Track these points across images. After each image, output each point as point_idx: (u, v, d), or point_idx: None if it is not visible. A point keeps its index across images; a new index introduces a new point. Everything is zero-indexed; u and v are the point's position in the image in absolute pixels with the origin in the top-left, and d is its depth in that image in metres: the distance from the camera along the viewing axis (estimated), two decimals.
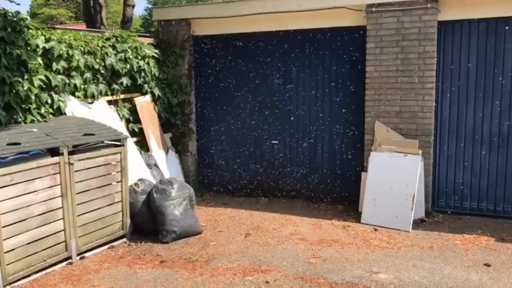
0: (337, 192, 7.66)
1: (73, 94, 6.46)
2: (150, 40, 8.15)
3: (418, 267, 5.21)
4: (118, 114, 7.19)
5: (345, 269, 5.16)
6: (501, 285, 4.75)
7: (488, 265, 5.23)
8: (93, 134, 5.76)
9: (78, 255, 5.54)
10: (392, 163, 6.69)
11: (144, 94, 7.65)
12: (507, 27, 6.42)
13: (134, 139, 7.39)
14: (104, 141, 5.92)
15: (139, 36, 8.11)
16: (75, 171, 5.41)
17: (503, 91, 6.55)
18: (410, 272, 5.07)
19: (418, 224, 6.58)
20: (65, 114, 6.26)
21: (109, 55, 6.93)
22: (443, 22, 6.67)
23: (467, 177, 6.89)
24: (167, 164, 7.89)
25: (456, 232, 6.25)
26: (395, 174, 6.62)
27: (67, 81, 6.28)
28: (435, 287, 4.73)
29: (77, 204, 5.46)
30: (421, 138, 6.83)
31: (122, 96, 7.31)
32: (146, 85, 7.61)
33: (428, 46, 6.66)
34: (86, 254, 5.62)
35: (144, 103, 7.61)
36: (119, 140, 6.03)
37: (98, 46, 6.81)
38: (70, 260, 5.43)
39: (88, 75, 6.61)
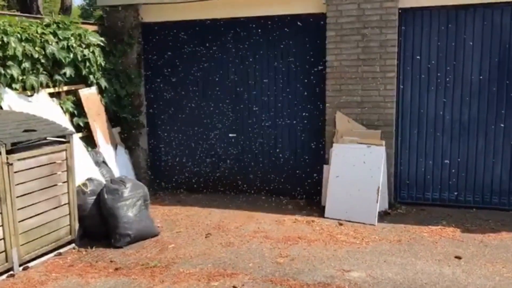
0: (298, 186, 7.38)
1: (9, 86, 5.83)
2: (95, 28, 7.52)
3: (389, 263, 5.01)
4: (62, 107, 6.59)
5: (315, 269, 4.89)
6: (475, 278, 4.63)
7: (459, 257, 5.11)
8: (34, 130, 5.17)
9: (21, 265, 4.95)
10: (355, 155, 6.48)
11: (89, 85, 7.06)
12: (466, 16, 6.35)
13: (80, 134, 6.79)
14: (48, 138, 5.35)
15: (83, 23, 7.47)
16: (15, 172, 4.82)
17: (464, 80, 6.48)
18: (383, 269, 4.86)
19: (382, 216, 6.42)
20: (0, 108, 5.62)
21: (50, 43, 6.30)
22: (404, 9, 6.49)
23: (429, 167, 6.80)
24: (116, 160, 7.33)
25: (421, 224, 6.13)
26: (358, 166, 6.42)
27: (2, 71, 5.64)
28: (410, 283, 4.54)
29: (18, 209, 4.87)
30: (383, 128, 6.66)
31: (65, 88, 6.69)
32: (91, 76, 7.02)
33: (390, 34, 6.49)
34: (30, 264, 5.04)
35: (89, 95, 7.01)
36: (64, 136, 5.47)
37: (37, 33, 6.18)
38: (11, 272, 4.84)
39: (26, 64, 5.98)
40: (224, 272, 4.83)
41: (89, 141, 6.95)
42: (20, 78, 5.92)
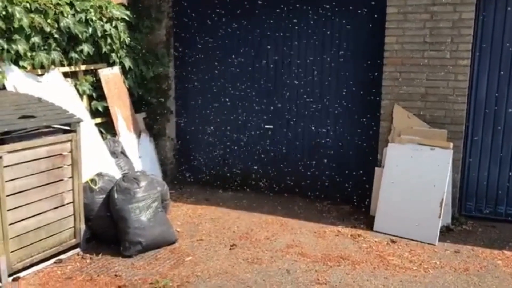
0: (343, 189, 6.36)
1: (16, 63, 5.08)
2: (120, 0, 6.69)
3: None
4: (78, 89, 5.82)
5: None
6: None
7: None
8: (33, 117, 4.41)
9: (11, 275, 4.23)
10: (414, 158, 5.40)
11: (111, 65, 6.26)
12: None
13: (99, 120, 6.04)
14: (51, 126, 4.57)
15: None
16: (5, 167, 4.07)
17: None
18: None
19: (443, 233, 5.32)
20: (4, 88, 4.89)
21: (65, 15, 5.51)
22: None
23: (504, 175, 5.61)
24: (139, 150, 6.52)
25: (493, 247, 5.02)
26: (418, 172, 5.34)
27: (6, 46, 4.88)
28: None
29: (9, 210, 4.14)
30: (450, 127, 5.53)
31: (83, 67, 5.92)
32: (113, 54, 6.21)
33: (465, 12, 5.31)
34: (23, 273, 4.32)
35: (111, 76, 6.22)
36: (69, 125, 4.68)
37: (51, 3, 5.39)
38: None
39: (36, 39, 5.22)
40: None
41: (109, 127, 6.19)
42: (29, 54, 5.18)
